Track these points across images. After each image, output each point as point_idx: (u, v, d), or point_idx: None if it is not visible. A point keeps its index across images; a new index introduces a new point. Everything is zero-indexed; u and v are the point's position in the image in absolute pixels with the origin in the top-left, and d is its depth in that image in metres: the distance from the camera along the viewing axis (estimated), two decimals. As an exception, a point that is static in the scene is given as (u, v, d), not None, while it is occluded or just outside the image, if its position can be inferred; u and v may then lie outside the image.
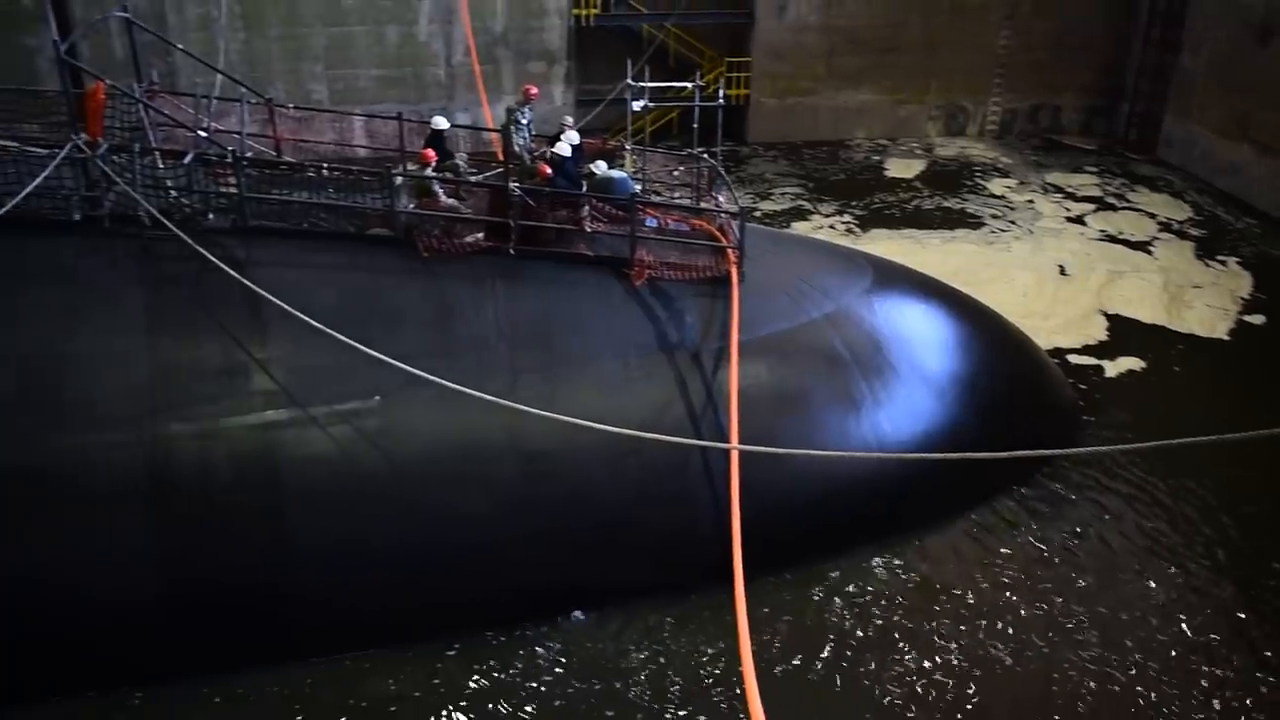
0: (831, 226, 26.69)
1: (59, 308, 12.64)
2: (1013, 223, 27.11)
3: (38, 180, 12.71)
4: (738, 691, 12.02)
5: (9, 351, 12.36)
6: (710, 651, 12.76)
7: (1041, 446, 12.87)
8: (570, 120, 16.61)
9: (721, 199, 16.39)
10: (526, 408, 12.04)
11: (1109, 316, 21.76)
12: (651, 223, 15.31)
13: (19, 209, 12.52)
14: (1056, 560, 14.47)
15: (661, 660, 12.67)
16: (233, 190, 13.76)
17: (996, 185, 30.01)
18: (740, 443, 12.27)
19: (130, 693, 12.13)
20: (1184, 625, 13.35)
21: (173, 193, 13.73)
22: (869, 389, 14.77)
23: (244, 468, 12.41)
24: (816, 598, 13.66)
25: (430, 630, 12.84)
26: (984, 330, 17.46)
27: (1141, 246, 25.49)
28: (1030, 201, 28.65)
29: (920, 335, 16.19)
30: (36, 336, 12.47)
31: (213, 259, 12.53)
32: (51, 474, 12.06)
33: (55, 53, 13.69)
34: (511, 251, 13.94)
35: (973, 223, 27.16)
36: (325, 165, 15.30)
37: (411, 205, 14.25)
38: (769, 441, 12.39)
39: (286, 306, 12.21)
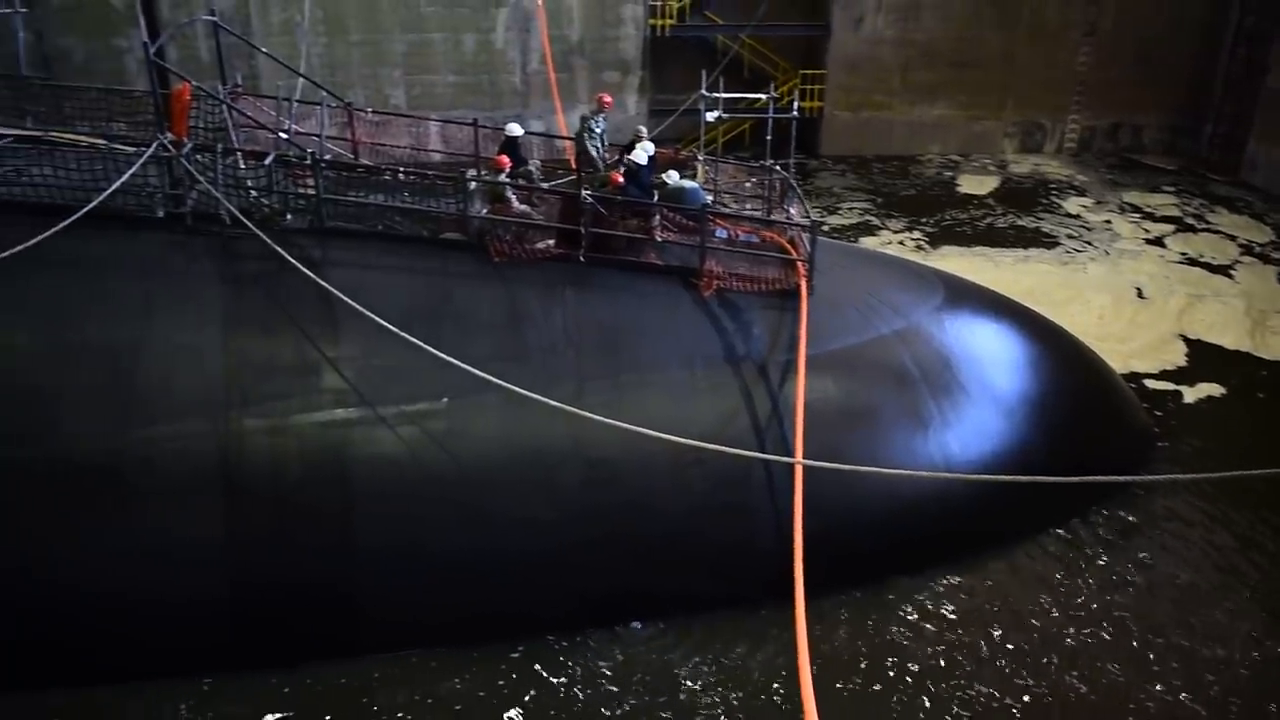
0: (900, 242, 26.44)
1: (140, 301, 12.97)
2: (1089, 243, 26.63)
3: (124, 177, 13.07)
4: (795, 710, 11.91)
5: (92, 342, 12.71)
6: (768, 668, 12.65)
7: (1115, 471, 12.63)
8: (644, 130, 16.63)
9: (793, 211, 16.31)
10: (592, 415, 12.09)
11: (1188, 341, 21.26)
12: (722, 234, 15.29)
13: (106, 204, 12.89)
14: (1130, 588, 14.11)
15: (719, 674, 12.59)
16: (311, 191, 14.01)
17: (1072, 204, 29.52)
18: (805, 457, 12.19)
19: (198, 681, 12.34)
20: (1266, 659, 12.94)
21: (253, 193, 14.03)
22: (937, 407, 14.58)
23: (313, 464, 12.61)
24: (878, 618, 13.48)
25: (491, 633, 12.91)
26: (1057, 351, 17.16)
27: (1223, 270, 24.90)
28: (1107, 221, 28.14)
29: (992, 354, 15.95)
30: (118, 329, 12.80)
31: (289, 258, 12.77)
32: (127, 464, 12.35)
33: (144, 54, 14.06)
34: (581, 259, 14.01)
35: (1047, 242, 26.73)
36: (401, 169, 15.54)
37: (484, 210, 14.39)
38: (834, 457, 12.28)
39: (359, 307, 12.40)
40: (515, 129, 16.18)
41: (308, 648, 12.65)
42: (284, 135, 15.62)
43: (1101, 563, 14.58)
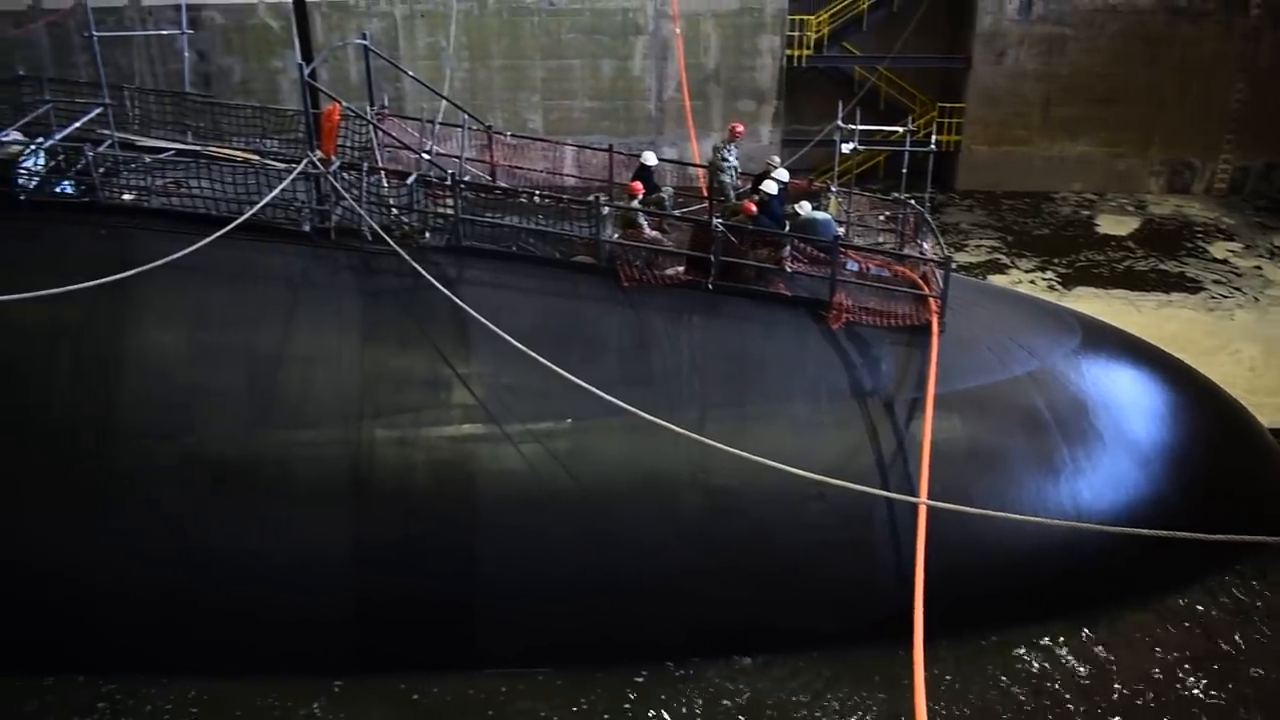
0: (1031, 282, 25.70)
1: (284, 311, 13.51)
2: (1237, 289, 25.45)
3: (275, 192, 13.65)
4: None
5: (237, 347, 13.29)
6: (884, 709, 12.40)
7: (1261, 531, 11.98)
8: (777, 159, 16.61)
9: (926, 246, 16.05)
10: (714, 443, 12.09)
11: (1347, 398, 20.10)
12: (853, 266, 15.12)
13: (256, 217, 13.47)
14: (1269, 654, 13.38)
15: (831, 714, 12.38)
16: (449, 211, 14.39)
17: (1219, 248, 28.24)
18: (930, 498, 11.96)
19: (329, 681, 12.72)
20: None
21: (394, 210, 14.49)
22: (1070, 454, 14.10)
23: (440, 477, 12.90)
24: (998, 666, 13.09)
25: (605, 656, 12.98)
26: (1201, 401, 16.42)
27: (1387, 323, 23.50)
28: (1257, 267, 26.86)
29: (1130, 401, 15.36)
30: (262, 336, 13.36)
31: (426, 275, 13.13)
32: (264, 466, 12.88)
33: (299, 75, 14.66)
34: (710, 286, 14.04)
35: (1191, 287, 25.64)
36: (536, 192, 15.83)
37: (616, 235, 14.56)
38: (959, 499, 12.02)
39: (491, 325, 12.67)
40: (650, 157, 16.33)
41: (427, 657, 12.90)
42: (426, 156, 16.08)
43: (1239, 625, 13.87)
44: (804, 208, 15.36)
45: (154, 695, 12.48)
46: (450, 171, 15.08)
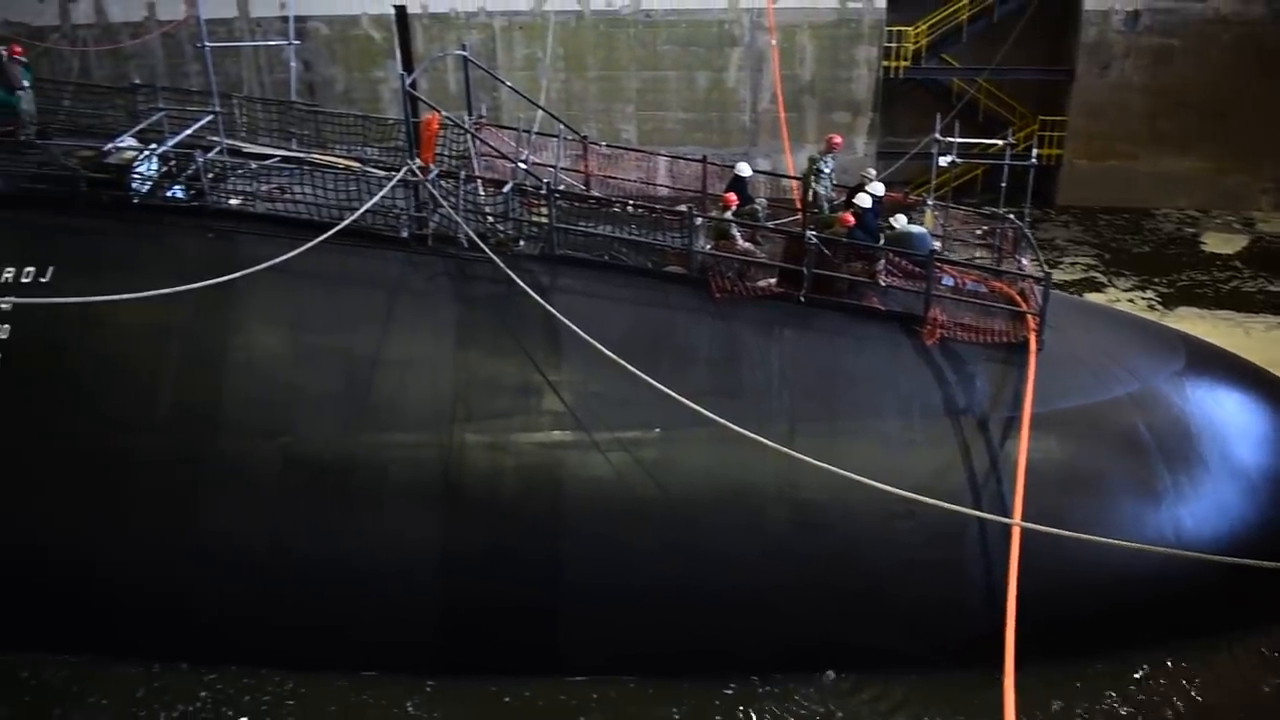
0: (1130, 301, 25.01)
1: (381, 315, 13.79)
2: (1353, 312, 24.46)
3: (375, 199, 13.94)
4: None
5: (335, 350, 13.62)
6: (967, 733, 12.16)
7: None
8: (873, 172, 16.45)
9: (1024, 262, 15.73)
10: (803, 456, 11.98)
11: None
12: (948, 281, 14.89)
13: (356, 223, 13.77)
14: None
15: (922, 735, 12.19)
16: (543, 220, 14.56)
17: (1334, 269, 27.18)
18: (1023, 519, 11.70)
19: (422, 681, 12.90)
20: None
21: (490, 218, 14.70)
22: (1171, 479, 13.66)
23: (528, 483, 13.03)
24: (1088, 695, 12.70)
25: (687, 667, 12.93)
26: (1314, 429, 15.76)
27: None
28: (1377, 290, 25.79)
29: (1237, 426, 14.81)
30: (359, 339, 13.66)
31: (520, 283, 13.28)
32: (357, 467, 13.15)
33: (400, 85, 14.95)
34: (802, 299, 13.94)
35: (1304, 308, 24.71)
36: (630, 202, 15.91)
37: (708, 246, 14.55)
38: (1053, 521, 11.71)
39: (582, 333, 12.75)
40: (744, 168, 16.30)
41: (510, 661, 13.01)
42: (521, 165, 16.27)
43: (1354, 667, 13.28)
44: (899, 221, 15.17)
45: (253, 687, 12.81)
46: (545, 180, 15.25)
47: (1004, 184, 18.87)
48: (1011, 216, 16.85)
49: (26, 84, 16.91)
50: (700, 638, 12.93)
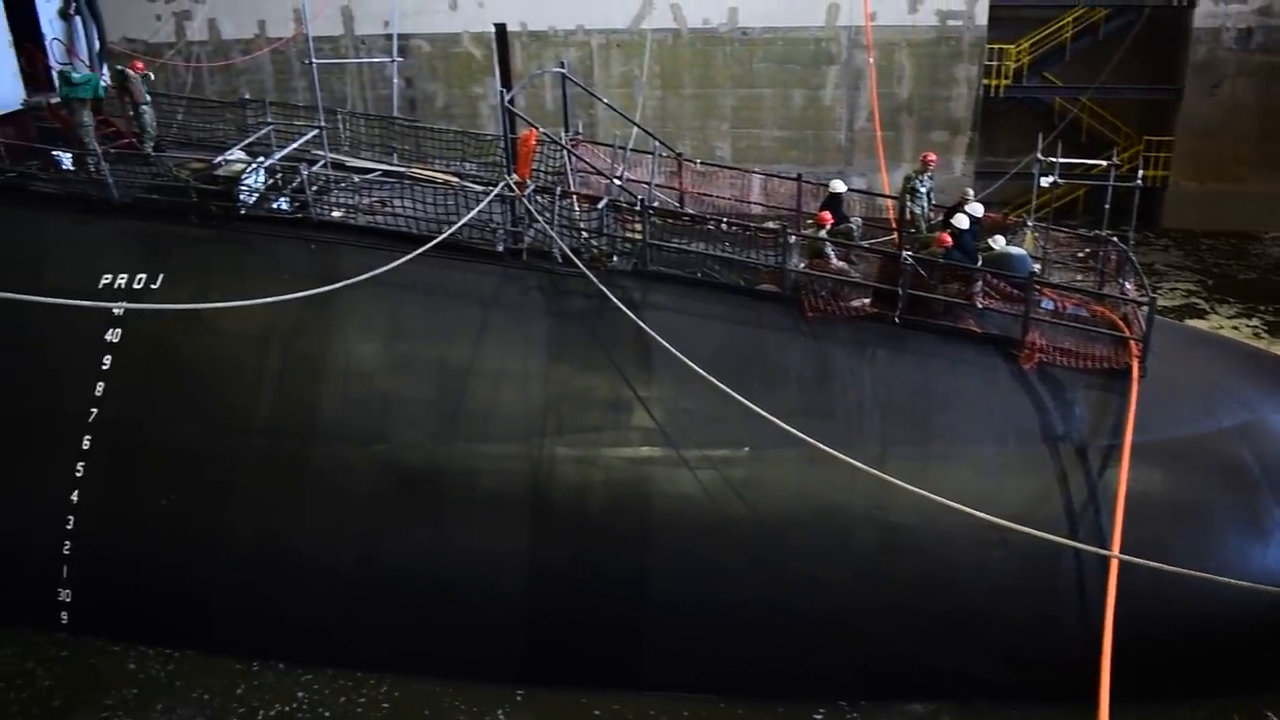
0: (1234, 328, 24.10)
1: (476, 327, 13.99)
2: None
3: (472, 213, 14.17)
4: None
5: (430, 360, 13.86)
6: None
7: None
8: (971, 192, 16.20)
9: (1128, 286, 15.31)
10: (894, 479, 11.81)
11: None
12: (1048, 304, 14.56)
13: (454, 236, 14.01)
14: None
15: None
16: (637, 236, 14.63)
17: None
18: (1122, 551, 11.36)
19: (511, 690, 13.01)
20: None
21: (584, 234, 14.83)
22: (1282, 514, 13.14)
23: (616, 497, 13.08)
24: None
25: (771, 688, 12.82)
26: None
27: None
28: None
29: (1353, 461, 14.19)
30: (454, 350, 13.89)
31: (612, 298, 13.36)
32: (449, 475, 13.37)
33: (498, 101, 15.20)
34: (897, 320, 13.77)
35: None
36: (723, 219, 15.90)
37: (802, 265, 14.46)
38: (1154, 555, 11.34)
39: (674, 350, 12.76)
40: (839, 185, 16.17)
41: (593, 674, 13.04)
42: (616, 181, 16.39)
43: None
44: (998, 242, 14.91)
45: (348, 689, 13.06)
46: (639, 197, 15.33)
47: (1107, 205, 18.43)
48: (1115, 239, 16.43)
49: (148, 98, 17.61)
50: (785, 659, 12.81)
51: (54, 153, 17.17)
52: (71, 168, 16.92)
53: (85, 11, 19.30)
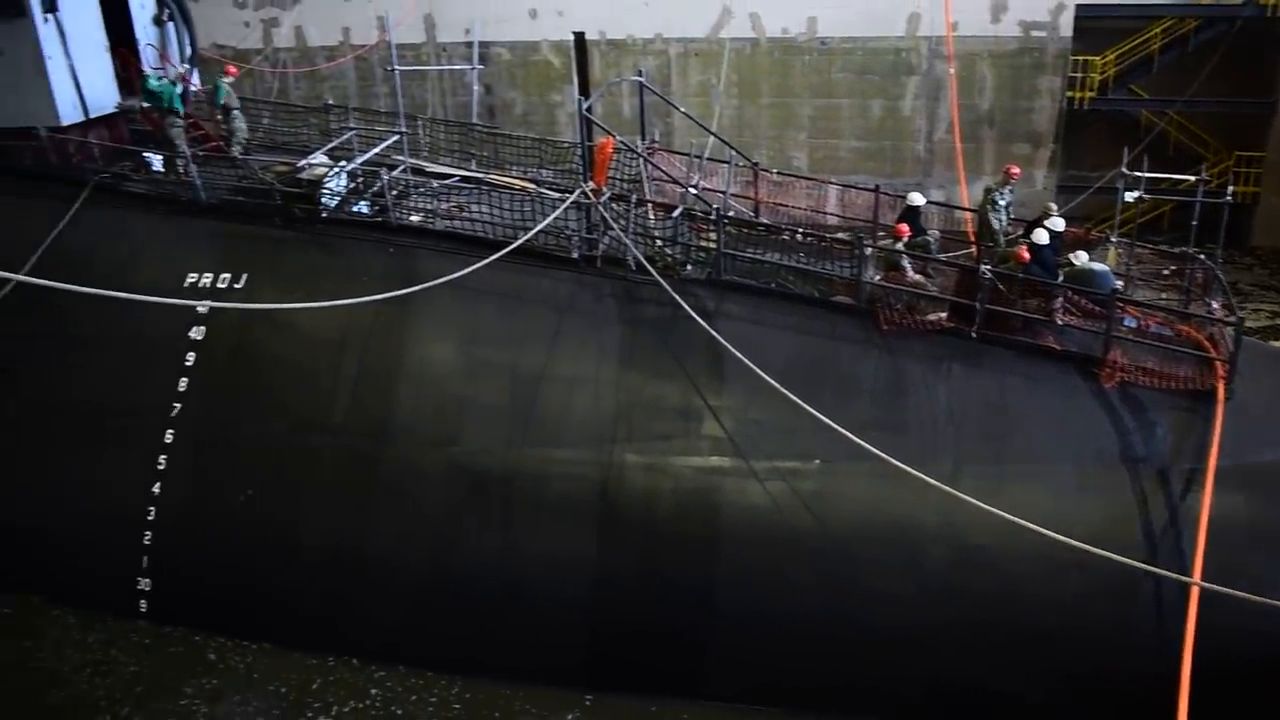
0: (1322, 355, 23.27)
1: (549, 333, 14.10)
2: None
3: (548, 220, 14.29)
4: None
5: (504, 366, 13.99)
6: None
7: None
8: (1053, 206, 15.91)
9: (1215, 305, 14.91)
10: (967, 497, 11.64)
11: None
12: (1130, 322, 14.25)
13: (529, 242, 14.14)
14: None
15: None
16: (711, 245, 14.62)
17: None
18: (1204, 579, 11.05)
19: (579, 695, 13.04)
20: None
21: (658, 242, 14.86)
22: (1376, 545, 12.67)
23: (684, 506, 13.07)
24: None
25: (838, 701, 12.70)
26: None
27: None
28: None
29: None
30: (527, 355, 14.00)
31: (685, 307, 13.38)
32: (519, 479, 13.48)
33: (576, 109, 15.30)
34: (973, 335, 13.57)
35: None
36: (799, 230, 15.82)
37: (878, 277, 14.33)
38: (1238, 583, 11.00)
39: (746, 360, 12.73)
40: (917, 198, 15.99)
41: (656, 682, 13.03)
42: (692, 190, 16.39)
43: None
44: (1080, 258, 14.62)
45: (419, 688, 13.22)
46: (715, 206, 15.32)
47: (1194, 222, 17.94)
48: (1201, 256, 16.02)
49: (238, 103, 18.06)
50: (851, 673, 12.68)
51: (145, 154, 17.71)
52: (161, 169, 17.42)
53: (178, 18, 19.85)
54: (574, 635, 13.20)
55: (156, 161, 17.58)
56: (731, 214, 16.09)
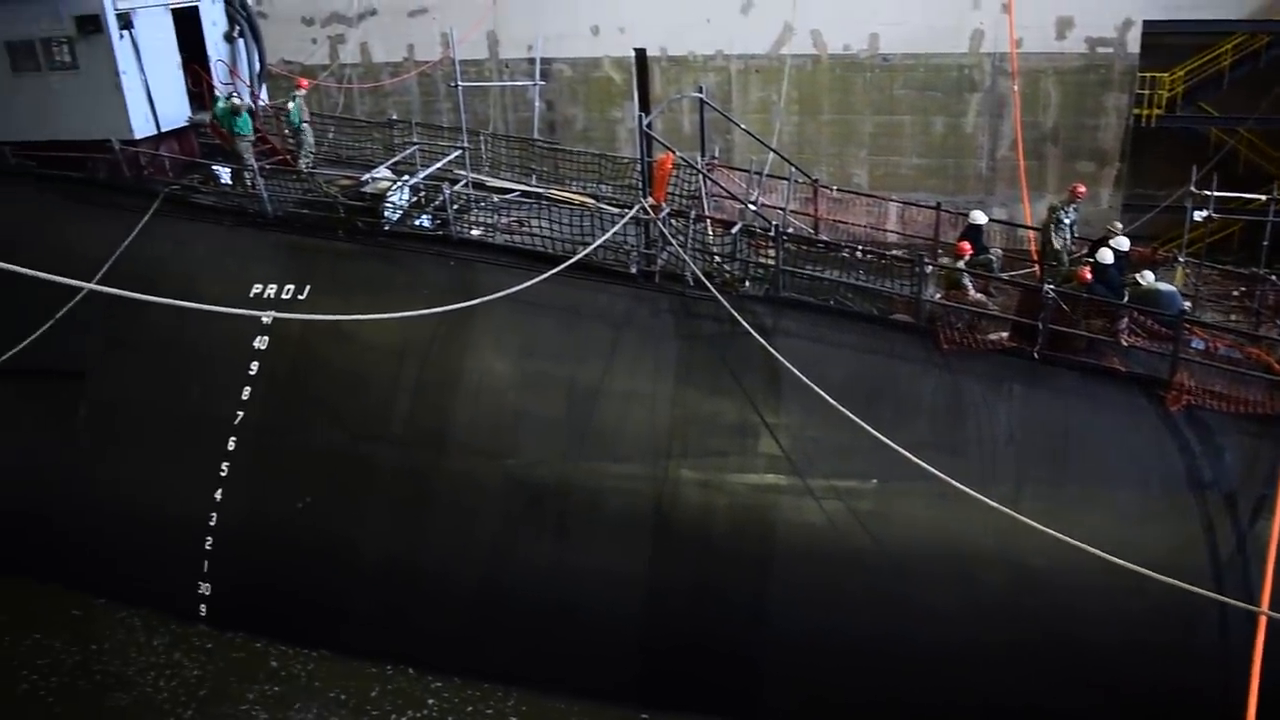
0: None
1: (606, 347, 14.15)
2: None
3: (608, 235, 14.37)
4: None
5: (561, 379, 14.06)
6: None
7: None
8: (1119, 225, 15.66)
9: (1286, 328, 14.56)
10: (1027, 519, 11.45)
11: None
12: (1198, 344, 13.94)
13: (588, 257, 14.21)
14: None
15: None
16: (770, 262, 14.58)
17: None
18: (1271, 608, 10.76)
19: (635, 713, 13.05)
20: None
21: (717, 258, 14.85)
22: None
23: (739, 523, 13.02)
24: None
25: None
26: None
27: None
28: None
29: None
30: (584, 369, 14.06)
31: (743, 323, 13.35)
32: (575, 492, 13.54)
33: (636, 125, 15.36)
34: (1036, 355, 13.37)
35: None
36: (858, 247, 15.72)
37: (938, 295, 14.19)
38: (1309, 614, 10.73)
39: (803, 377, 12.67)
40: (979, 216, 15.82)
41: (708, 700, 12.97)
42: (751, 206, 16.38)
43: None
44: (1146, 278, 14.34)
45: (475, 699, 13.33)
46: (774, 222, 15.29)
47: (1265, 242, 17.55)
48: (1272, 277, 15.64)
49: (307, 118, 18.42)
50: (905, 693, 12.55)
51: (214, 167, 18.12)
52: (230, 182, 17.81)
53: (248, 34, 20.31)
54: (627, 650, 13.21)
55: (225, 174, 18.00)
56: (791, 230, 16.04)
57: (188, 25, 18.94)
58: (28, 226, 16.71)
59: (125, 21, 17.16)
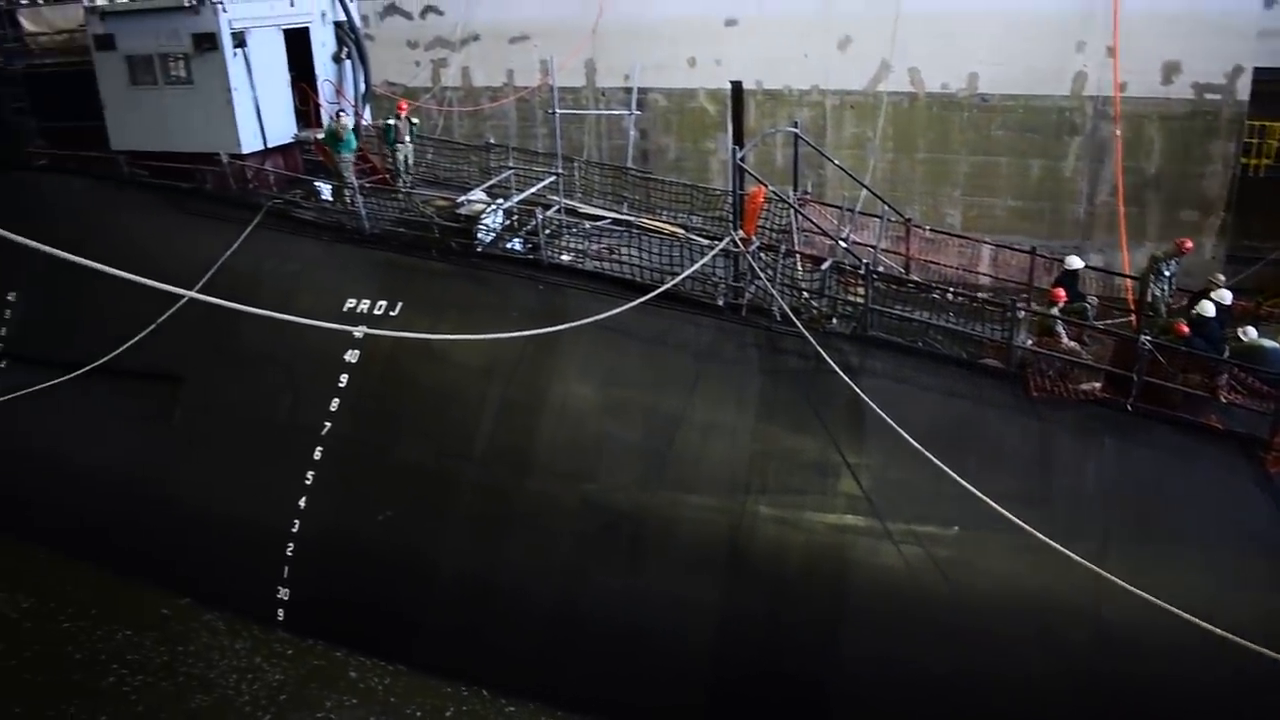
0: None
1: (690, 378, 14.14)
2: None
3: (696, 266, 14.40)
4: None
5: (643, 408, 14.10)
6: None
7: None
8: (1221, 277, 15.23)
9: (1398, 393, 13.96)
10: (1114, 578, 11.16)
11: None
12: (1302, 405, 13.45)
13: (676, 288, 14.26)
14: None
15: None
16: (859, 300, 14.47)
17: None
18: (1373, 684, 10.31)
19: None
20: None
21: (805, 294, 14.78)
22: None
23: (814, 562, 12.88)
24: None
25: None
26: None
27: None
28: None
29: None
30: (666, 398, 14.07)
31: (829, 360, 13.26)
32: (651, 521, 13.55)
33: (729, 157, 15.40)
34: (1129, 407, 13.02)
35: None
36: (949, 288, 15.52)
37: (1030, 342, 13.93)
38: None
39: (887, 418, 12.52)
40: (1075, 262, 15.52)
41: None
42: (841, 243, 16.28)
43: None
44: (1249, 333, 13.90)
45: (534, 720, 13.37)
46: (864, 260, 15.17)
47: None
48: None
49: (408, 138, 18.86)
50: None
51: (316, 183, 18.62)
52: (330, 199, 18.28)
53: (355, 56, 20.86)
54: (696, 680, 13.13)
55: (326, 191, 18.49)
56: (881, 269, 15.90)
57: (298, 45, 19.55)
58: (137, 232, 17.35)
59: (240, 40, 17.79)
